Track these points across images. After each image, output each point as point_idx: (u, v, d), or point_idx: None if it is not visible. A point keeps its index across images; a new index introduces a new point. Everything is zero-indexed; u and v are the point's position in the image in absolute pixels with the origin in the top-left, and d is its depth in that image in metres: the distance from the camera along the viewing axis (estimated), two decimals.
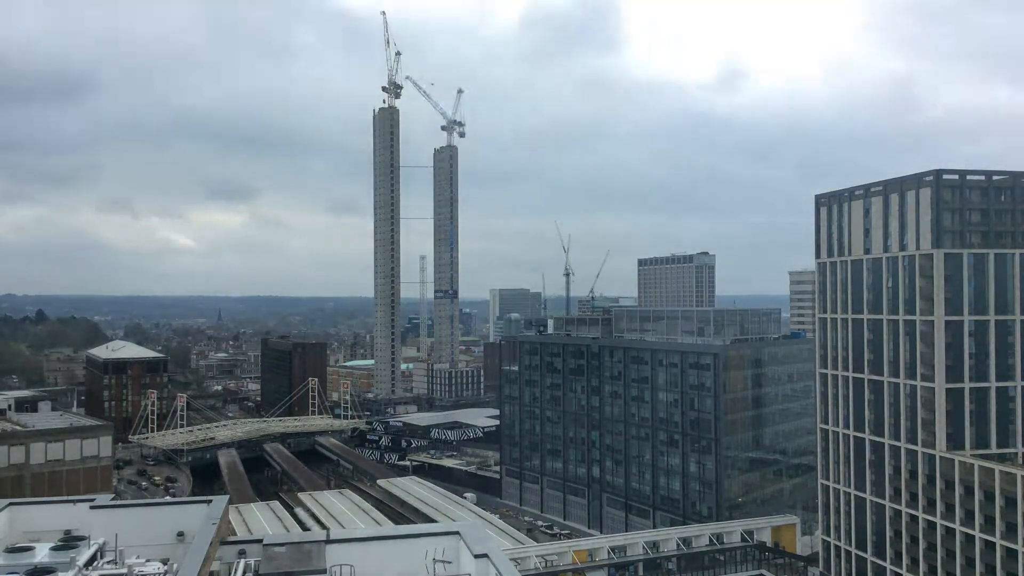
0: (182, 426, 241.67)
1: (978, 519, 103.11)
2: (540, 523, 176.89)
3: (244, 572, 23.94)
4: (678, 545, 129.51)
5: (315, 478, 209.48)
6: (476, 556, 23.44)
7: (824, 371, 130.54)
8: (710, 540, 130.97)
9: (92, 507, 27.76)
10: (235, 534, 31.37)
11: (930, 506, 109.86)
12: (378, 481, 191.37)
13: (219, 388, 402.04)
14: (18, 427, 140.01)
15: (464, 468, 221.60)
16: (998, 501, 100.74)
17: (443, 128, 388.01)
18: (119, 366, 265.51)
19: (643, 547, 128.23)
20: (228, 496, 33.94)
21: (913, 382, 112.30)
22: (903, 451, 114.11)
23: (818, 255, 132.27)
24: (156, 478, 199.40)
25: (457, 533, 25.69)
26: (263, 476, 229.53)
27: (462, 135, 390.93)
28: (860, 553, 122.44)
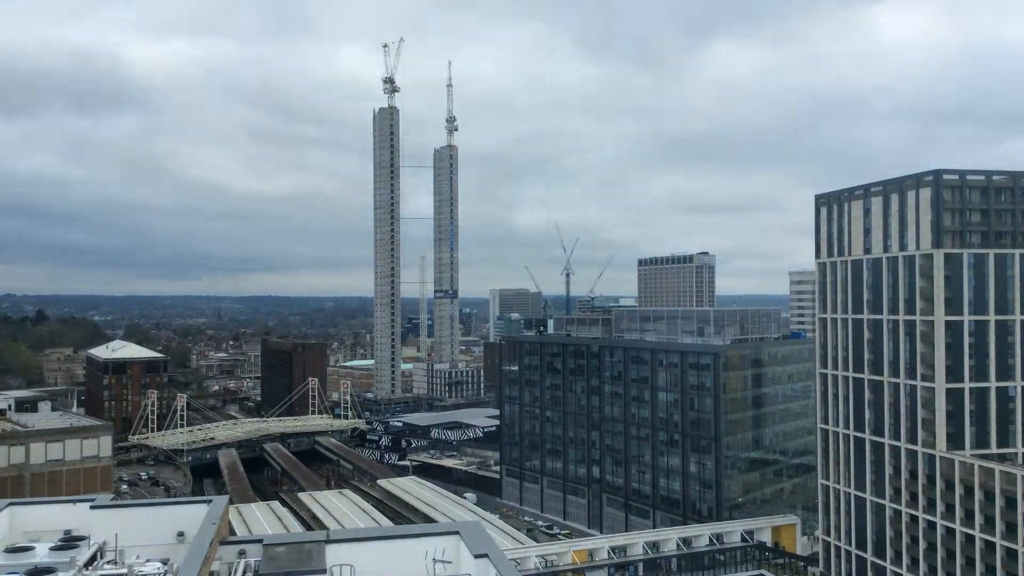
0: (182, 426, 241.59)
1: (978, 519, 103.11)
2: (540, 523, 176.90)
3: (244, 572, 23.94)
4: (678, 545, 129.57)
5: (315, 478, 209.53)
6: (476, 556, 23.45)
7: (824, 371, 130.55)
8: (710, 540, 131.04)
9: (92, 507, 27.75)
10: (235, 534, 31.37)
11: (930, 506, 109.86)
12: (378, 481, 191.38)
13: (219, 388, 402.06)
14: (18, 427, 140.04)
15: (464, 468, 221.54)
16: (998, 501, 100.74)
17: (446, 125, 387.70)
18: (119, 366, 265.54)
19: (643, 547, 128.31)
20: (228, 496, 33.94)
21: (913, 382, 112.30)
22: (903, 451, 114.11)
23: (818, 255, 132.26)
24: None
25: (457, 533, 25.70)
26: (263, 476, 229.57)
27: (455, 130, 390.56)
28: (860, 553, 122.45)
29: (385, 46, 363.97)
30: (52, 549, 25.12)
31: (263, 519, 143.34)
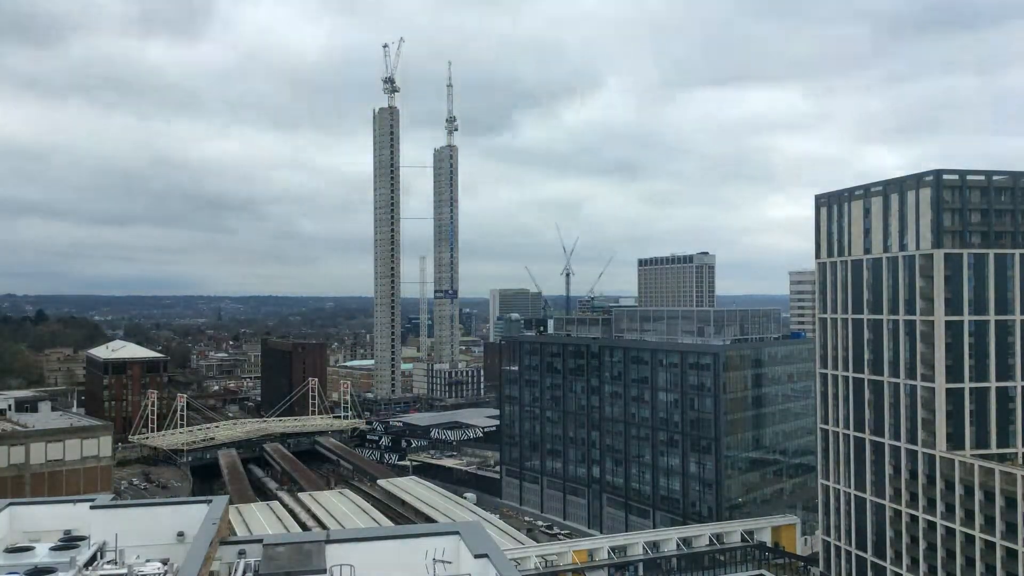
0: (182, 426, 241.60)
1: (978, 519, 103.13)
2: (540, 523, 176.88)
3: (244, 572, 23.93)
4: (678, 545, 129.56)
5: (315, 478, 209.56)
6: (476, 556, 23.44)
7: (824, 371, 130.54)
8: (710, 540, 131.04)
9: (92, 507, 27.76)
10: (235, 534, 31.38)
11: (930, 506, 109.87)
12: (378, 481, 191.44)
13: (219, 388, 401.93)
14: (18, 427, 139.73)
15: (464, 468, 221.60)
16: (998, 501, 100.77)
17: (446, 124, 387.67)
18: (119, 366, 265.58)
19: (643, 547, 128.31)
20: (228, 496, 33.96)
21: (913, 382, 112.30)
22: (903, 451, 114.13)
23: (818, 255, 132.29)
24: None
25: (457, 533, 25.70)
26: (263, 476, 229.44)
27: (455, 130, 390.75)
28: (860, 553, 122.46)
29: (385, 46, 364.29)
30: (52, 549, 25.11)
31: (263, 519, 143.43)
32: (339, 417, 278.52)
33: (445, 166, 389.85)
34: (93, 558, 24.70)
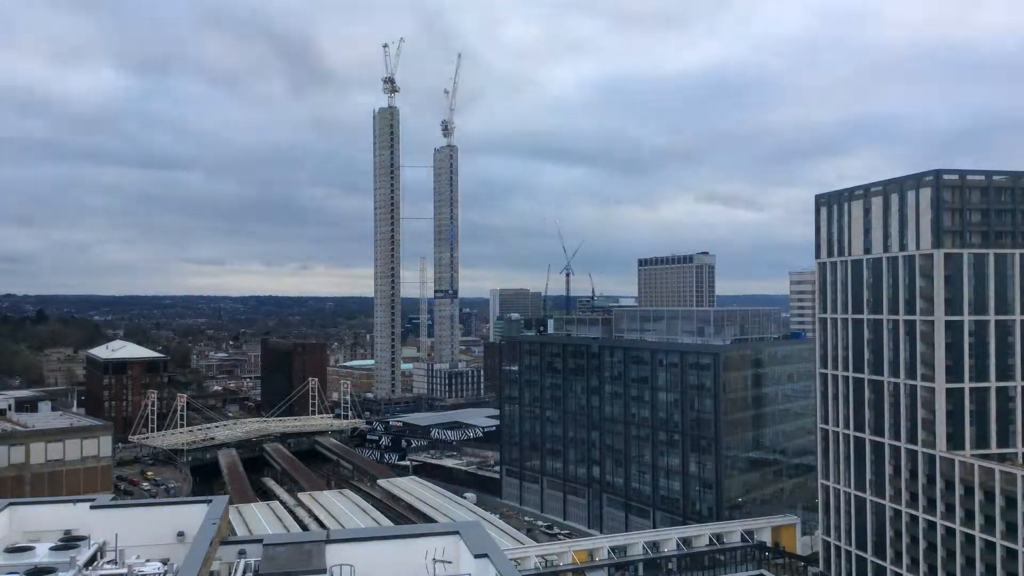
0: (182, 426, 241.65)
1: (978, 519, 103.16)
2: (540, 523, 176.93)
3: (244, 572, 23.91)
4: (678, 545, 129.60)
5: (315, 478, 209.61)
6: (476, 556, 23.42)
7: (824, 371, 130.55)
8: (710, 540, 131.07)
9: (92, 507, 27.76)
10: (235, 534, 31.41)
11: (930, 506, 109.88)
12: (378, 481, 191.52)
13: (219, 388, 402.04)
14: (18, 427, 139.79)
15: (464, 468, 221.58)
16: (998, 501, 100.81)
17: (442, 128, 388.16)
18: (119, 366, 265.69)
19: (643, 547, 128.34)
20: (228, 496, 33.99)
21: (913, 382, 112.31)
22: (903, 451, 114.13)
23: (818, 255, 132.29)
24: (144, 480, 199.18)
25: (457, 533, 25.67)
26: (263, 476, 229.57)
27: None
28: (860, 553, 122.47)
29: (385, 46, 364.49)
30: (52, 549, 25.09)
31: (263, 519, 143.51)
32: (339, 417, 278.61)
33: (445, 166, 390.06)
34: (93, 558, 24.69)
